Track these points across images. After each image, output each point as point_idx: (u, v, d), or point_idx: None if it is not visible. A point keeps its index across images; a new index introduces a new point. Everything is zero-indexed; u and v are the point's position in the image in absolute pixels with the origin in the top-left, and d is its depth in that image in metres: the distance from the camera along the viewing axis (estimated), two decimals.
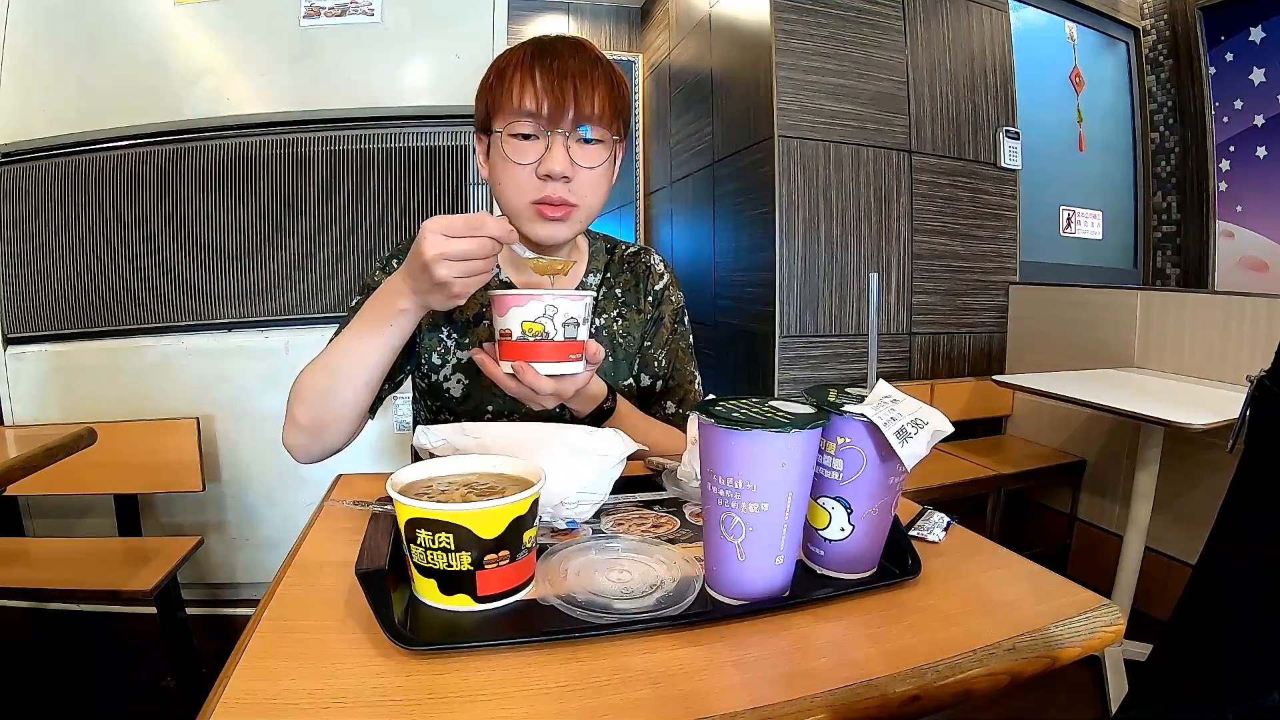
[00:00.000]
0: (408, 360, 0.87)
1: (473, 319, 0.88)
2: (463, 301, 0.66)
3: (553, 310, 0.65)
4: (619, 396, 0.85)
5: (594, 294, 0.72)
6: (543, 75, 0.75)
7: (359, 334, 0.71)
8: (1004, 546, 0.62)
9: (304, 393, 0.74)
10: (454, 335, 0.88)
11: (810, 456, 0.49)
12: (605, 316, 0.93)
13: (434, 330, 0.88)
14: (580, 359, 0.69)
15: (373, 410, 0.83)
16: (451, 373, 0.88)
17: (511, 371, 0.68)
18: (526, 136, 0.76)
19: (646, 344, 0.95)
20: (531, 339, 0.66)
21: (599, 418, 0.82)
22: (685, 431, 0.91)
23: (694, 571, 0.54)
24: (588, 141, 0.77)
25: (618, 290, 0.94)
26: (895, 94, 2.36)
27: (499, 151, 0.77)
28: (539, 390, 0.67)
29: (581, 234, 0.93)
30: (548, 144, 0.76)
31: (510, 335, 0.66)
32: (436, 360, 0.88)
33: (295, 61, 1.76)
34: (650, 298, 0.95)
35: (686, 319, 0.99)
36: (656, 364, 0.94)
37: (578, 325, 0.67)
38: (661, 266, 0.97)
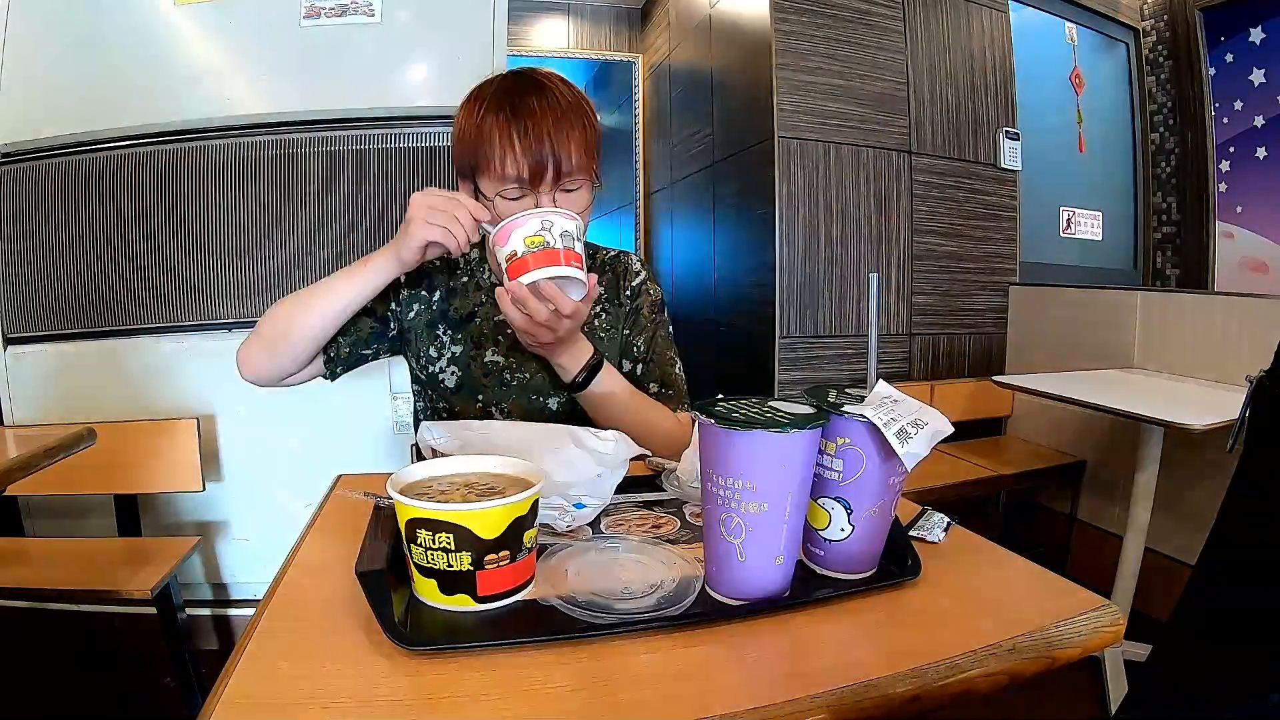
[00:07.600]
0: (381, 340, 0.95)
1: (465, 317, 0.96)
2: (419, 244, 0.76)
3: (549, 224, 0.74)
4: (605, 359, 0.89)
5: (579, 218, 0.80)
6: (520, 138, 0.80)
7: (336, 275, 0.85)
8: (1004, 547, 0.62)
9: (275, 310, 0.87)
10: (449, 331, 0.96)
11: (810, 456, 0.49)
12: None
13: (431, 328, 0.96)
14: (581, 268, 0.75)
15: (333, 373, 0.93)
16: (446, 365, 0.95)
17: (521, 288, 0.73)
18: (513, 197, 0.83)
19: (626, 332, 1.01)
20: (535, 250, 0.73)
21: (589, 374, 0.86)
22: (667, 406, 0.94)
23: (694, 571, 0.54)
24: (569, 190, 0.85)
25: (600, 289, 0.99)
26: (895, 94, 2.36)
27: (490, 209, 0.84)
28: (559, 304, 0.74)
29: None
30: (535, 201, 0.83)
31: (515, 255, 0.73)
32: (434, 354, 0.96)
33: (295, 61, 1.75)
34: (628, 292, 1.02)
35: (666, 312, 1.04)
36: (636, 349, 1.00)
37: (573, 239, 0.75)
38: (639, 266, 1.04)
